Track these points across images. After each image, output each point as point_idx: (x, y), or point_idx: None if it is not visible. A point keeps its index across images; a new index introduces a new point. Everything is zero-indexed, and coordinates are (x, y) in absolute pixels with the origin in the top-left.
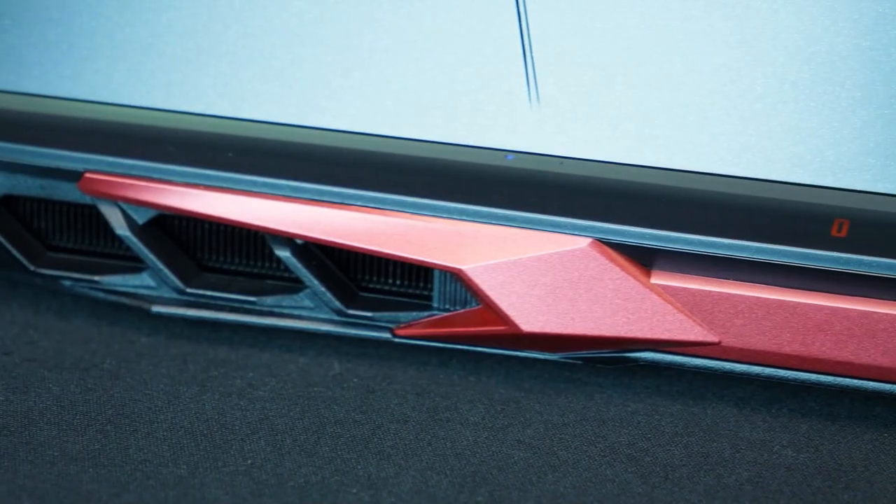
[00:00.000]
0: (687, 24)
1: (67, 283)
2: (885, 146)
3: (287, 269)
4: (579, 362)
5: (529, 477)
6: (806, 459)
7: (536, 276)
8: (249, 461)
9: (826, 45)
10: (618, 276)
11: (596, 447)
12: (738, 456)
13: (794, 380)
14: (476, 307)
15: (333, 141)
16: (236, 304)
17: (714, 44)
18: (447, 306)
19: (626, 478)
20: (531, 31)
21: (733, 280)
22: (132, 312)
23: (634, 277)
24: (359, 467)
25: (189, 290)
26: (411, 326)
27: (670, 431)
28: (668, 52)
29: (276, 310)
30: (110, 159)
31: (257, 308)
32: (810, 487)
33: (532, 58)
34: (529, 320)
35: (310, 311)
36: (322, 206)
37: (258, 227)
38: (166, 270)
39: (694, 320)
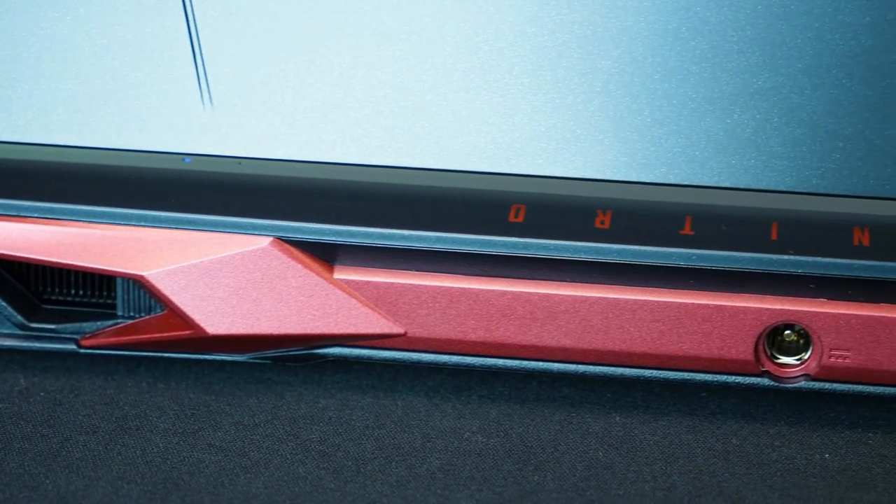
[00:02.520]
0: (355, 18)
1: None
2: (555, 130)
3: None
4: (268, 362)
5: (221, 480)
6: (496, 444)
7: (219, 278)
8: None
9: (492, 32)
10: (300, 274)
11: (287, 445)
12: (430, 445)
13: (482, 366)
14: (161, 313)
15: (5, 153)
16: None
17: (383, 37)
18: (132, 314)
19: (319, 474)
20: (200, 31)
21: (416, 271)
22: None
23: (317, 274)
24: (47, 482)
25: None
26: (96, 336)
27: (361, 425)
28: (338, 46)
29: None
30: None
31: None
32: (501, 472)
33: (202, 58)
34: (214, 323)
35: None
36: None
37: None
38: None
39: (379, 313)
